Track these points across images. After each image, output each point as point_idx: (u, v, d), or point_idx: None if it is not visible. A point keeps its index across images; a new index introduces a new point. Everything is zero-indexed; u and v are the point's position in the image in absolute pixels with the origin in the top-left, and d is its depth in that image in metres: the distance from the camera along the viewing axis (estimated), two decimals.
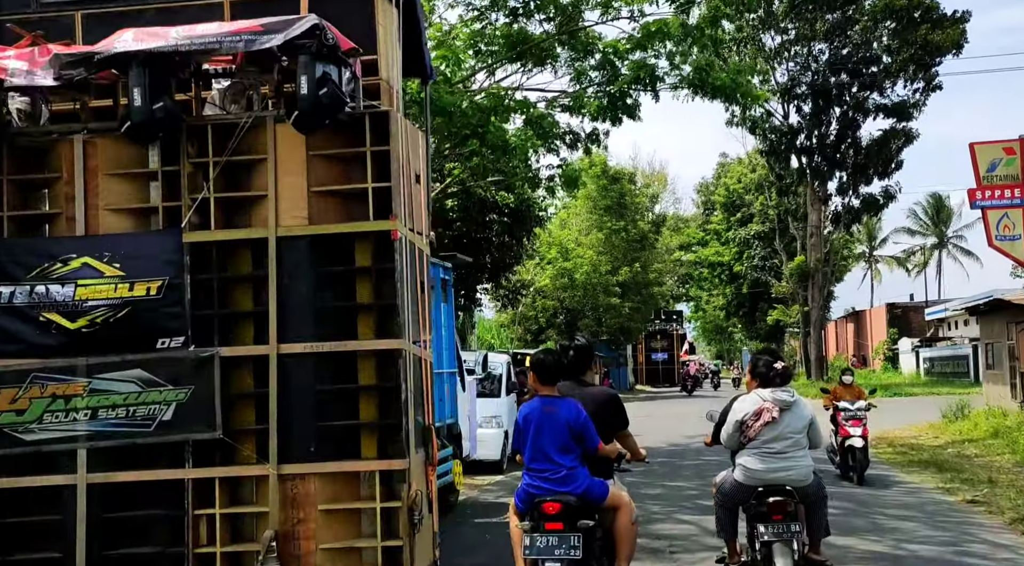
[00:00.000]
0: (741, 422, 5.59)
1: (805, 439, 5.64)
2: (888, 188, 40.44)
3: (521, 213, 17.85)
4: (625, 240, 40.11)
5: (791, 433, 5.53)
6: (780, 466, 5.51)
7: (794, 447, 5.55)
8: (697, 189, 70.32)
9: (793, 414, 5.59)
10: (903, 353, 48.88)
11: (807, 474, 5.61)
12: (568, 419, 4.73)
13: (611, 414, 5.10)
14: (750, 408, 5.59)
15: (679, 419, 23.34)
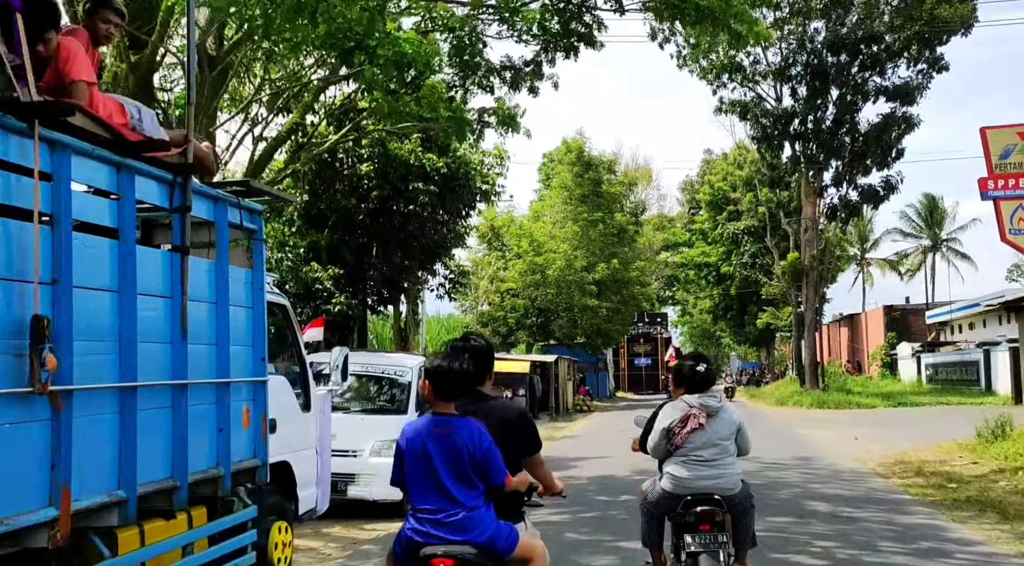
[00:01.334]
0: (668, 430, 5.28)
1: (733, 446, 5.37)
2: (889, 178, 37.13)
3: (456, 181, 14.28)
4: (602, 234, 36.59)
5: (719, 440, 5.26)
6: (708, 474, 5.21)
7: (722, 454, 5.27)
8: (681, 188, 67.13)
9: (720, 420, 5.30)
10: (902, 359, 45.54)
11: (736, 482, 5.30)
12: (468, 445, 3.60)
13: (520, 436, 3.97)
14: (677, 415, 5.29)
15: None
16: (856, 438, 18.62)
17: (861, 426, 22.75)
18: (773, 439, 18.99)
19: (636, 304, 42.90)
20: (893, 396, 33.81)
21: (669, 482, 5.32)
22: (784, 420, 25.87)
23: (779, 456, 15.10)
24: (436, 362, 3.74)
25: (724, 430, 5.29)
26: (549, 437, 21.01)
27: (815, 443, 18.01)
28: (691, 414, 5.22)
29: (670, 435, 5.26)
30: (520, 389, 27.60)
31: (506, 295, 35.58)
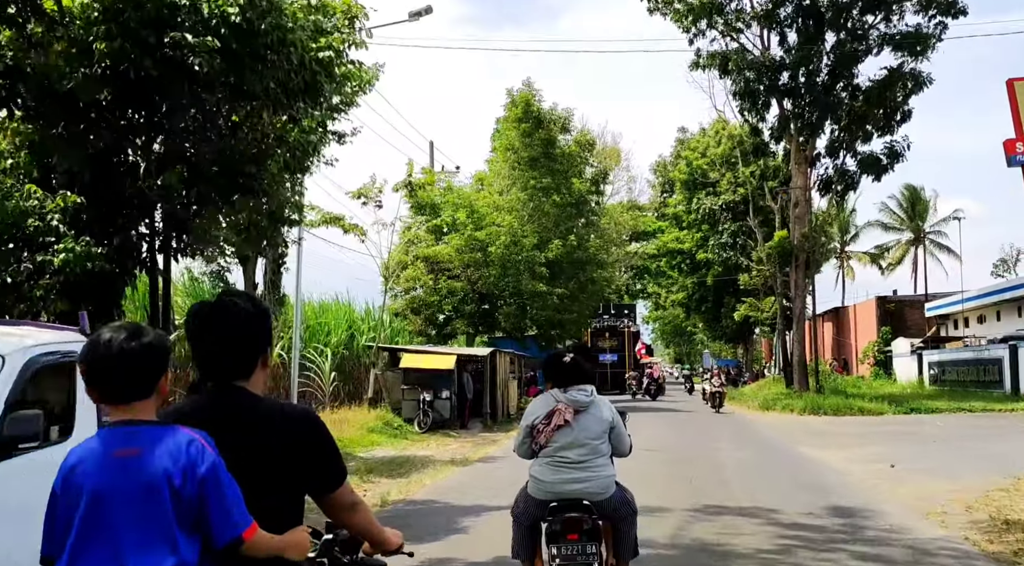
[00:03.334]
0: (531, 427, 4.71)
1: (605, 445, 4.77)
2: (893, 144, 31.67)
3: (260, 41, 8.27)
4: (556, 205, 30.70)
5: (588, 439, 4.65)
6: (574, 477, 4.62)
7: (592, 455, 4.66)
8: (654, 168, 61.68)
9: (590, 416, 4.70)
10: (899, 356, 40.25)
11: (607, 486, 4.69)
12: (170, 473, 2.06)
13: (304, 458, 2.31)
14: (541, 410, 4.71)
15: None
16: (893, 466, 12.97)
17: (880, 442, 17.14)
18: (775, 467, 13.18)
19: (597, 291, 37.00)
20: (898, 400, 28.32)
21: (533, 486, 4.70)
22: (778, 432, 20.19)
23: (799, 506, 9.36)
24: (94, 339, 2.12)
25: (594, 428, 4.69)
26: (461, 460, 15.09)
27: (839, 476, 12.23)
28: (557, 410, 4.64)
29: (534, 433, 4.69)
30: (444, 391, 21.67)
31: (441, 276, 29.58)
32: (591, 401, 4.74)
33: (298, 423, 2.32)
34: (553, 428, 4.64)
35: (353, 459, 15.05)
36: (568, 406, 4.66)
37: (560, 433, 4.63)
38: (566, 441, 4.64)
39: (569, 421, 4.63)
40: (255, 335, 2.33)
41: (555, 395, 4.76)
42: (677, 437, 18.80)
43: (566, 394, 4.72)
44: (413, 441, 18.63)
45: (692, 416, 26.80)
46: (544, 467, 4.69)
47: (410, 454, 16.19)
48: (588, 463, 4.66)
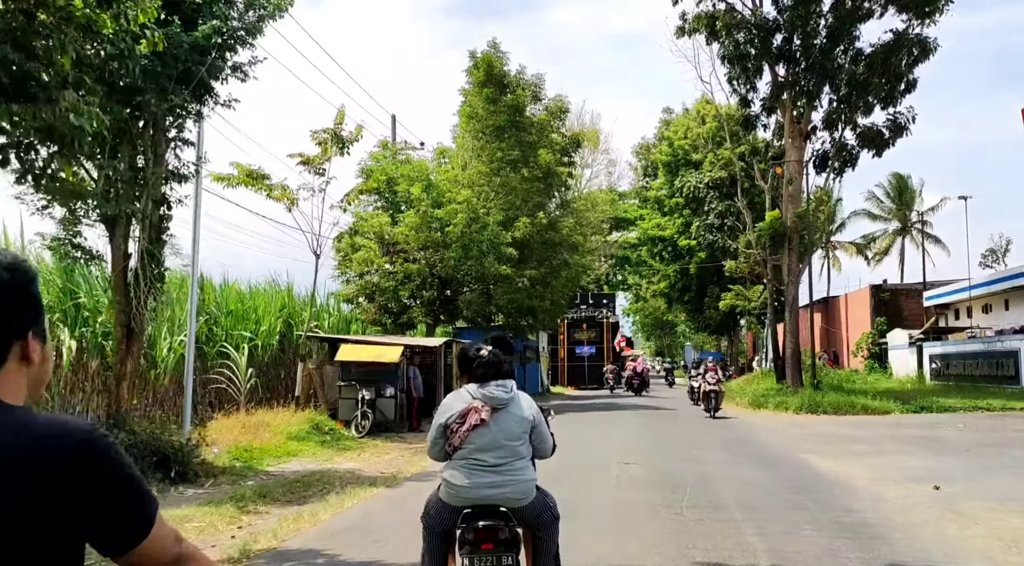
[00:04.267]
0: (445, 426, 4.24)
1: (526, 447, 4.29)
2: (897, 116, 28.83)
3: None
4: (524, 179, 27.60)
5: (506, 440, 4.19)
6: (491, 481, 4.15)
7: (510, 457, 4.19)
8: (635, 151, 58.70)
9: (510, 415, 4.23)
10: (895, 349, 37.53)
11: (527, 491, 4.24)
12: None
13: (70, 508, 1.47)
14: (456, 408, 4.23)
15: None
16: (937, 488, 10.05)
17: (902, 450, 14.32)
18: (790, 492, 10.16)
19: (573, 278, 33.93)
20: (903, 396, 25.51)
21: (445, 491, 4.25)
22: (777, 437, 17.22)
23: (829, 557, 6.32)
24: None
25: (514, 428, 4.22)
26: (390, 476, 12.06)
27: (876, 506, 9.20)
28: (472, 408, 4.16)
29: (447, 432, 4.21)
30: (388, 388, 18.56)
31: (397, 259, 26.42)
32: (511, 398, 4.26)
33: (58, 455, 1.47)
34: (468, 428, 4.16)
35: (251, 477, 11.92)
36: (485, 404, 4.19)
37: (476, 433, 4.17)
38: (482, 442, 4.17)
39: (486, 420, 4.16)
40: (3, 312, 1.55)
41: (471, 391, 4.26)
42: (659, 443, 15.79)
43: (483, 390, 4.22)
44: (343, 449, 15.49)
45: (677, 416, 23.82)
46: (458, 470, 4.20)
47: (331, 468, 13.07)
48: (506, 466, 4.19)
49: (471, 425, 4.16)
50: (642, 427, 19.72)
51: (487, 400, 4.19)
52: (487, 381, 4.24)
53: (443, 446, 4.27)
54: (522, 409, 4.30)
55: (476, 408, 4.18)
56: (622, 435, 17.44)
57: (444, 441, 4.25)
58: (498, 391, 4.23)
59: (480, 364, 4.27)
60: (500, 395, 4.21)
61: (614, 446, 15.32)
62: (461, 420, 4.19)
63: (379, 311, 27.40)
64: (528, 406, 4.36)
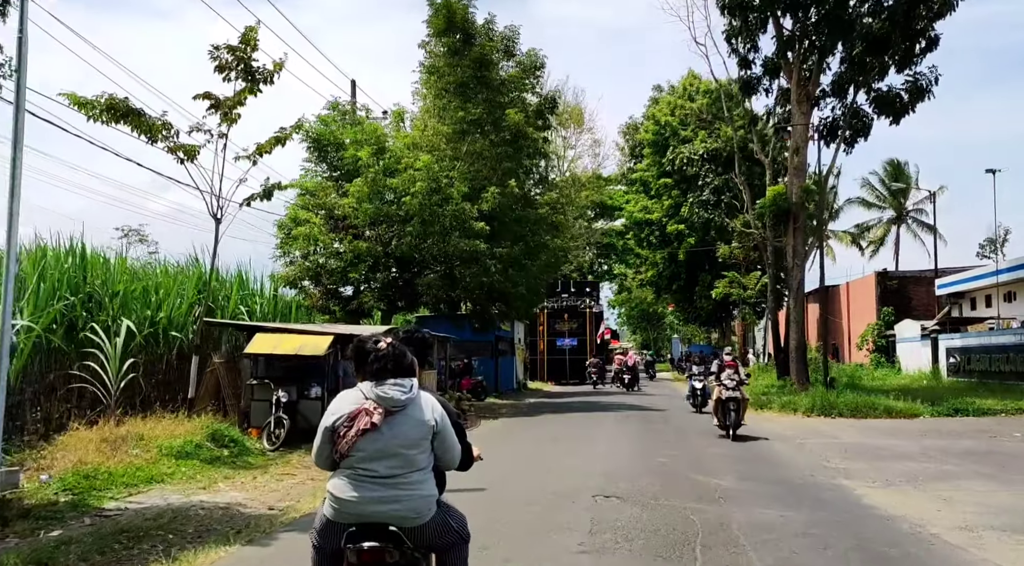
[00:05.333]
0: (331, 430, 3.56)
1: (425, 456, 3.62)
2: (917, 77, 25.39)
3: None
4: (491, 142, 23.97)
5: (401, 448, 3.53)
6: (380, 495, 3.50)
7: (405, 468, 3.54)
8: (622, 131, 55.12)
9: (407, 419, 3.56)
10: (905, 341, 34.28)
11: (425, 507, 3.58)
12: None
13: None
14: (345, 409, 3.56)
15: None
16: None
17: (968, 471, 10.98)
18: (842, 543, 6.57)
19: (552, 263, 30.29)
20: (924, 395, 22.16)
21: (329, 504, 3.59)
22: (795, 448, 13.70)
23: None
24: None
25: (411, 433, 3.55)
26: (280, 513, 8.53)
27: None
28: (363, 409, 3.50)
29: (335, 437, 3.53)
30: (314, 387, 15.02)
31: (346, 236, 22.77)
32: (409, 399, 3.57)
33: None
34: (357, 433, 3.48)
35: (72, 519, 8.35)
36: (378, 405, 3.51)
37: (366, 439, 3.48)
38: (373, 450, 3.49)
39: (377, 424, 3.48)
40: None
41: (364, 390, 3.58)
42: (650, 459, 12.27)
43: (377, 390, 3.53)
44: (240, 469, 11.85)
45: (670, 419, 20.34)
46: (344, 481, 3.54)
47: (201, 501, 9.46)
48: (400, 478, 3.52)
49: (360, 430, 3.47)
50: (629, 436, 16.19)
51: (380, 401, 3.50)
52: (383, 379, 3.55)
53: (330, 453, 3.58)
54: (422, 412, 3.60)
55: (367, 410, 3.49)
56: (603, 450, 13.90)
57: (331, 447, 3.56)
58: (394, 391, 3.53)
59: (376, 358, 3.57)
60: (396, 395, 3.52)
61: (591, 466, 11.77)
62: (350, 423, 3.51)
63: (326, 296, 23.75)
64: (431, 409, 3.65)
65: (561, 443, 14.91)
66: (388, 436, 3.50)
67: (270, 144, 13.12)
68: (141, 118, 12.05)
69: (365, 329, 17.07)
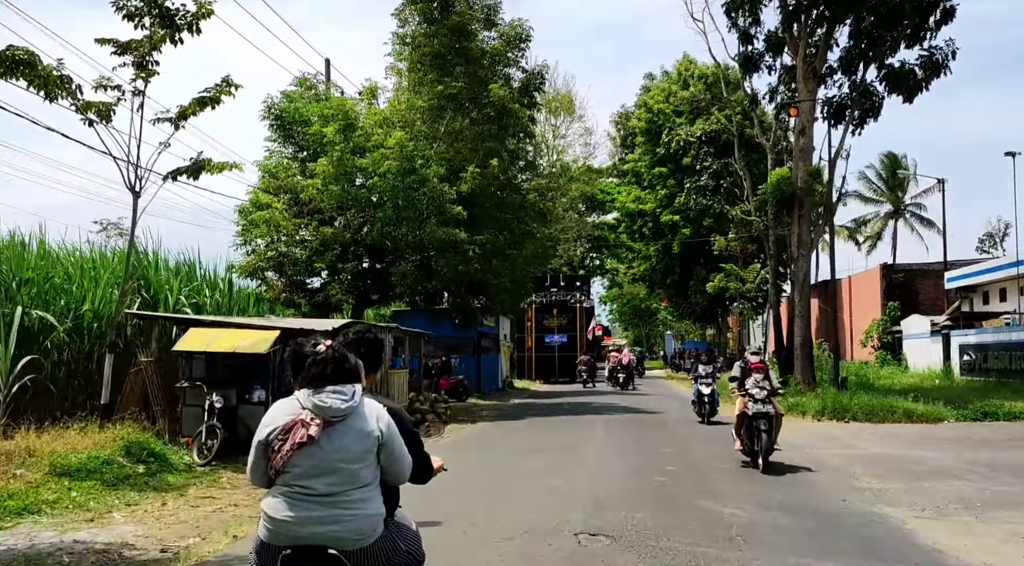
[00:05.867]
0: (266, 444, 3.18)
1: (370, 470, 3.22)
2: (933, 51, 23.47)
3: None
4: (471, 121, 21.94)
5: (342, 462, 3.15)
6: (318, 515, 3.11)
7: (347, 485, 3.15)
8: (614, 120, 53.15)
9: (348, 430, 3.18)
10: (913, 338, 32.44)
11: (367, 528, 3.16)
12: None
13: None
14: (279, 421, 3.19)
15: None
16: None
17: None
18: None
19: (540, 253, 28.25)
20: (940, 395, 20.27)
21: (263, 524, 3.18)
22: (815, 462, 11.69)
23: None
24: None
25: (353, 446, 3.16)
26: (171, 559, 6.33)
27: None
28: (298, 421, 3.13)
29: (268, 451, 3.16)
30: (257, 390, 12.98)
31: (311, 221, 20.73)
32: (351, 408, 3.17)
33: None
34: (292, 447, 3.08)
35: None
36: (315, 415, 3.12)
37: (302, 454, 3.10)
38: (310, 465, 3.11)
39: (314, 437, 3.09)
40: None
41: (300, 399, 3.19)
42: (647, 478, 10.28)
43: (314, 398, 3.14)
44: (153, 492, 9.79)
45: (666, 422, 18.39)
46: (278, 500, 3.14)
47: (77, 541, 7.43)
48: (340, 496, 3.12)
49: (295, 443, 3.09)
50: (622, 447, 14.21)
51: (318, 411, 3.14)
52: (321, 386, 3.17)
53: (265, 469, 3.19)
54: (365, 422, 3.21)
55: (303, 421, 3.12)
56: (591, 466, 11.90)
57: (266, 463, 3.18)
58: (333, 399, 3.16)
59: (314, 363, 3.20)
60: (335, 404, 3.15)
61: (576, 489, 9.77)
62: (284, 436, 3.12)
63: (290, 288, 21.69)
64: (376, 418, 3.25)
65: (543, 456, 12.90)
66: (327, 450, 3.14)
67: (194, 106, 11.03)
68: (35, 70, 9.94)
69: (319, 323, 15.03)
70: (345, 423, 3.17)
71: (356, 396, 3.21)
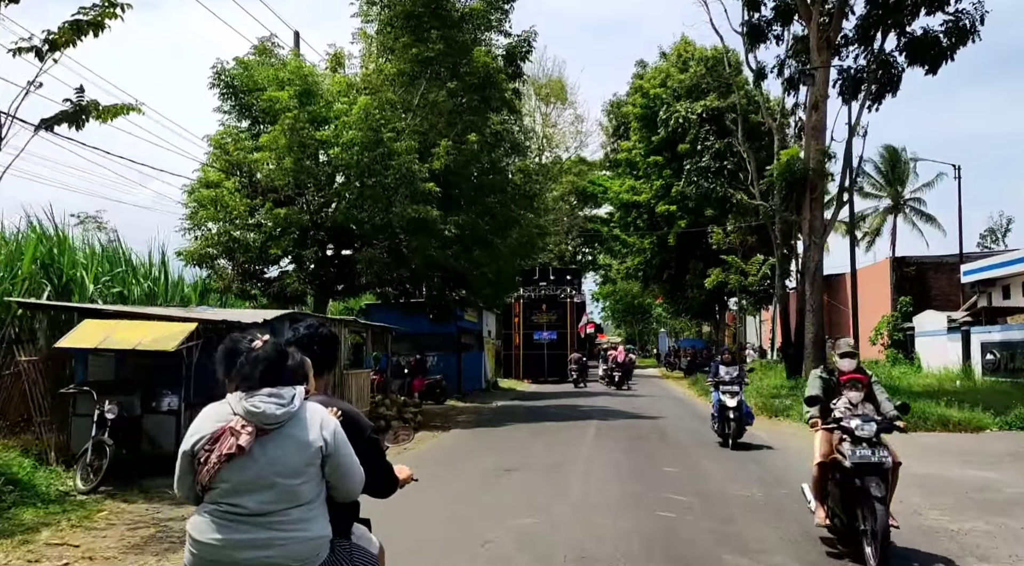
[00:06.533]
0: (191, 454, 2.75)
1: (311, 486, 2.76)
2: (958, 15, 21.19)
3: None
4: (449, 92, 19.52)
5: (278, 477, 2.70)
6: (250, 538, 2.68)
7: (284, 503, 2.71)
8: (606, 109, 50.70)
9: (285, 440, 2.73)
10: (926, 335, 30.21)
11: (308, 553, 2.74)
12: None
13: None
14: (207, 428, 2.75)
15: None
16: None
17: None
18: None
19: (526, 242, 25.79)
20: (966, 398, 17.94)
21: (188, 549, 2.78)
22: None
23: None
24: None
25: (291, 458, 2.71)
26: None
27: None
28: (228, 428, 2.69)
29: (195, 463, 2.72)
30: (167, 397, 10.56)
31: (266, 201, 18.29)
32: (288, 414, 2.72)
33: None
34: (220, 458, 2.64)
35: None
36: (248, 423, 2.68)
37: (231, 467, 2.66)
38: (240, 480, 2.66)
39: (245, 447, 2.64)
40: None
41: (232, 403, 2.74)
42: (647, 513, 7.91)
43: (246, 403, 2.70)
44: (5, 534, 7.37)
45: (667, 436, 16.05)
46: (205, 519, 2.70)
47: None
48: (275, 516, 2.67)
49: (223, 455, 2.64)
50: (615, 464, 11.83)
51: (250, 417, 2.68)
52: (255, 388, 2.72)
53: (192, 483, 2.76)
54: (307, 430, 2.74)
55: (232, 429, 2.67)
56: (576, 492, 9.51)
57: (193, 477, 2.74)
58: (268, 403, 2.69)
59: (247, 361, 2.74)
60: (270, 409, 2.68)
61: (553, 529, 7.37)
62: (211, 446, 2.68)
63: (243, 277, 19.26)
64: (320, 425, 2.78)
65: (518, 479, 10.50)
66: (261, 462, 2.68)
67: (67, 33, 8.58)
68: None
69: (248, 314, 12.63)
70: (282, 431, 2.73)
71: (296, 400, 2.76)
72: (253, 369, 2.74)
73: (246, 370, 2.75)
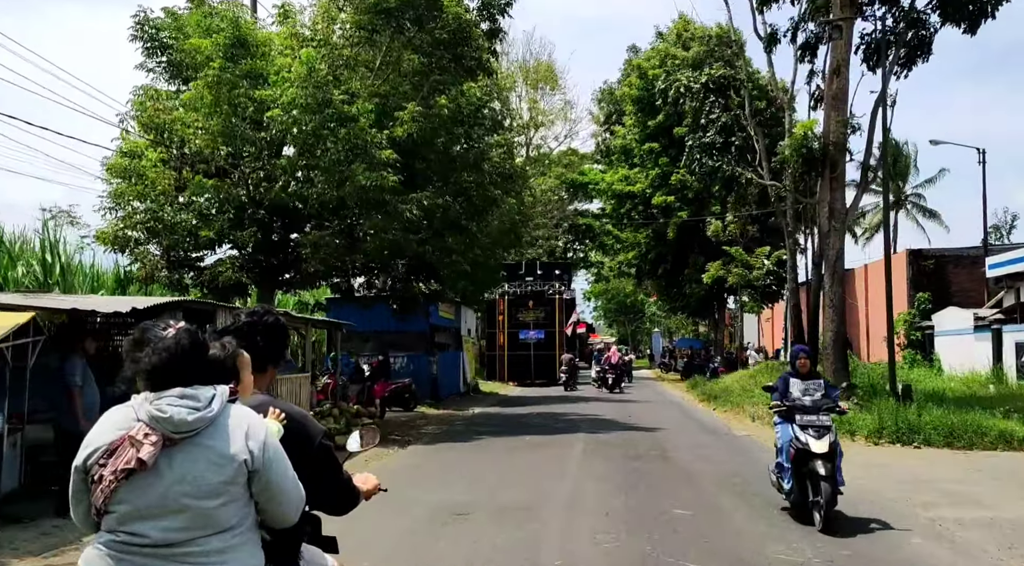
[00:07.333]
0: (84, 470, 2.21)
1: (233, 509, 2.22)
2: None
3: None
4: (414, 48, 16.70)
5: (190, 498, 2.16)
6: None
7: (199, 530, 2.17)
8: (597, 97, 48.02)
9: (200, 451, 2.19)
10: (948, 334, 27.57)
11: None
12: None
13: None
14: (104, 438, 2.20)
15: None
16: None
17: None
18: None
19: (508, 229, 22.93)
20: (1008, 405, 15.24)
21: None
22: (937, 541, 6.53)
23: None
24: None
25: (207, 475, 2.17)
26: None
27: None
28: (127, 437, 2.15)
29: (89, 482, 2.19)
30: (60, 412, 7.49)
31: (195, 175, 15.41)
32: (204, 420, 2.18)
33: None
34: (116, 475, 2.11)
35: None
36: (152, 431, 2.15)
37: (131, 486, 2.13)
38: (142, 502, 2.13)
39: (147, 462, 2.10)
40: None
41: (135, 406, 2.21)
42: None
43: (153, 405, 2.16)
44: None
45: (670, 458, 13.26)
46: (99, 553, 2.16)
47: None
48: (187, 546, 2.13)
49: (120, 470, 2.09)
50: (605, 508, 9.00)
51: (154, 423, 2.14)
52: (162, 387, 2.19)
53: (87, 508, 2.21)
54: (227, 441, 2.19)
55: (133, 438, 2.12)
56: (550, 549, 6.66)
57: (85, 500, 2.21)
58: (178, 407, 2.15)
59: (153, 352, 2.21)
60: (179, 414, 2.13)
61: None
62: (106, 460, 2.13)
63: (171, 264, 16.36)
64: (246, 435, 2.22)
65: (466, 530, 7.64)
66: (167, 480, 2.13)
67: None
68: None
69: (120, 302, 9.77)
70: (196, 441, 2.17)
71: (215, 402, 2.20)
72: (159, 362, 2.19)
73: (150, 363, 2.20)
